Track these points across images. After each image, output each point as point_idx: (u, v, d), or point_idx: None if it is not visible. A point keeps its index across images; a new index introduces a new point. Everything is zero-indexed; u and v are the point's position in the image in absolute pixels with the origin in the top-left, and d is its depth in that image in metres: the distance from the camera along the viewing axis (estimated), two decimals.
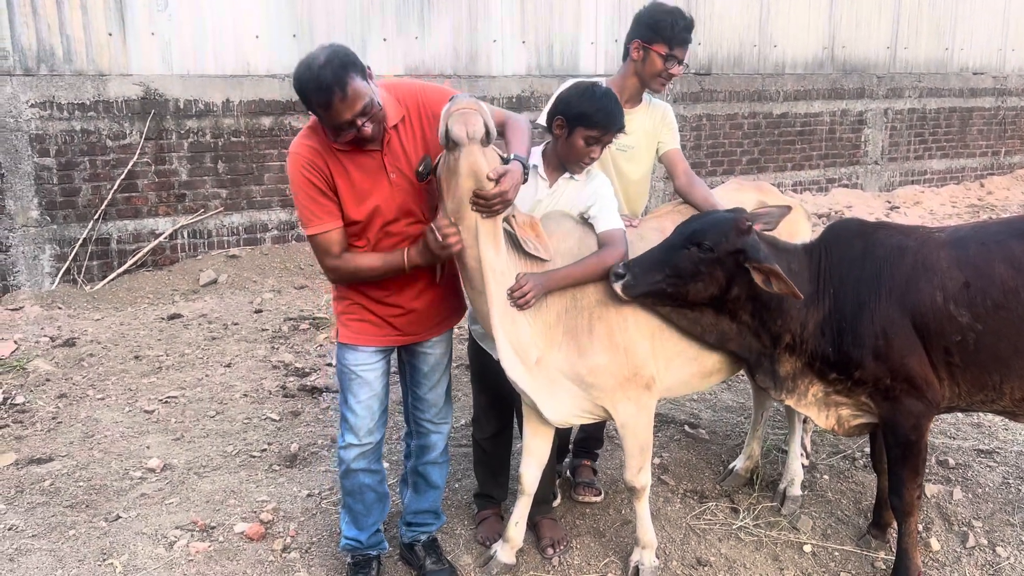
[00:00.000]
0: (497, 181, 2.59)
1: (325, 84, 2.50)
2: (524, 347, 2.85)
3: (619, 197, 3.48)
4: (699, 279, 2.88)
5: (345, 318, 2.93)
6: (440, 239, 2.63)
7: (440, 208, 2.74)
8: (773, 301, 2.93)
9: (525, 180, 2.73)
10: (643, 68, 3.38)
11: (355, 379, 2.92)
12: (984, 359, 2.87)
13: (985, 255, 2.90)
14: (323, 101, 2.53)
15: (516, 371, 2.86)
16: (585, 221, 3.06)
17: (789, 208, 3.22)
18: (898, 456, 3.00)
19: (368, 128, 2.61)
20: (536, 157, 3.12)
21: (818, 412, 3.12)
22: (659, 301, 2.95)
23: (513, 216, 2.78)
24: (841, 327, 2.94)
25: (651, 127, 3.50)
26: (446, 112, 2.53)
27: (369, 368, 2.93)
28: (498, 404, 3.37)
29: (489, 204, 2.62)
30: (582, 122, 2.93)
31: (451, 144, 2.55)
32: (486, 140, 2.56)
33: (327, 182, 2.71)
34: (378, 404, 2.96)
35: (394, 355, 3.09)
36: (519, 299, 2.79)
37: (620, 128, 3.01)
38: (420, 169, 2.71)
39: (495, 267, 2.75)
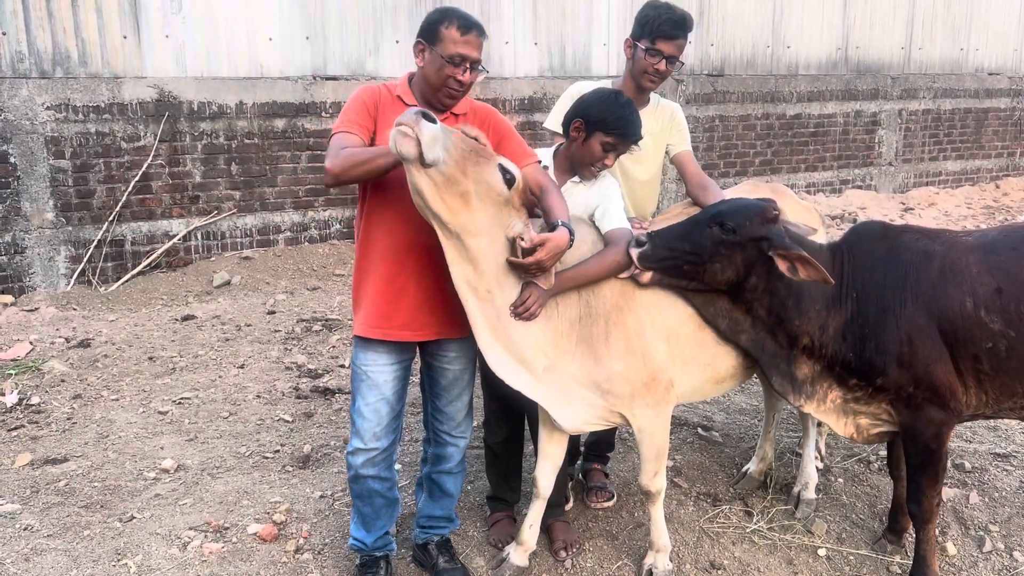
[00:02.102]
0: (533, 250, 2.61)
1: (474, 20, 2.78)
2: (527, 358, 2.81)
3: (626, 199, 3.47)
4: (717, 260, 2.83)
5: (357, 308, 2.91)
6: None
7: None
8: (791, 299, 2.88)
9: (570, 246, 2.72)
10: (633, 65, 3.37)
11: (365, 380, 2.90)
12: (1016, 366, 2.81)
13: (1017, 260, 2.83)
14: (464, 28, 2.74)
15: (518, 381, 2.83)
16: (595, 224, 3.05)
17: (815, 231, 3.18)
18: (918, 464, 2.96)
19: (467, 77, 2.77)
20: (547, 158, 3.12)
21: (836, 419, 3.07)
22: (674, 277, 2.90)
23: (520, 238, 2.67)
24: (864, 332, 2.89)
25: (658, 129, 3.48)
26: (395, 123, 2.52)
27: (380, 369, 2.89)
28: (508, 409, 3.36)
29: (526, 270, 2.67)
30: (601, 127, 2.94)
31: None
32: (422, 161, 2.48)
33: (374, 111, 2.81)
34: (387, 409, 2.92)
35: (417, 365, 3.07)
36: (522, 313, 2.76)
37: (637, 139, 3.02)
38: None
39: (476, 286, 2.71)
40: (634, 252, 2.84)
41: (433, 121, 2.48)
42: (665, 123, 3.49)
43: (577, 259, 2.88)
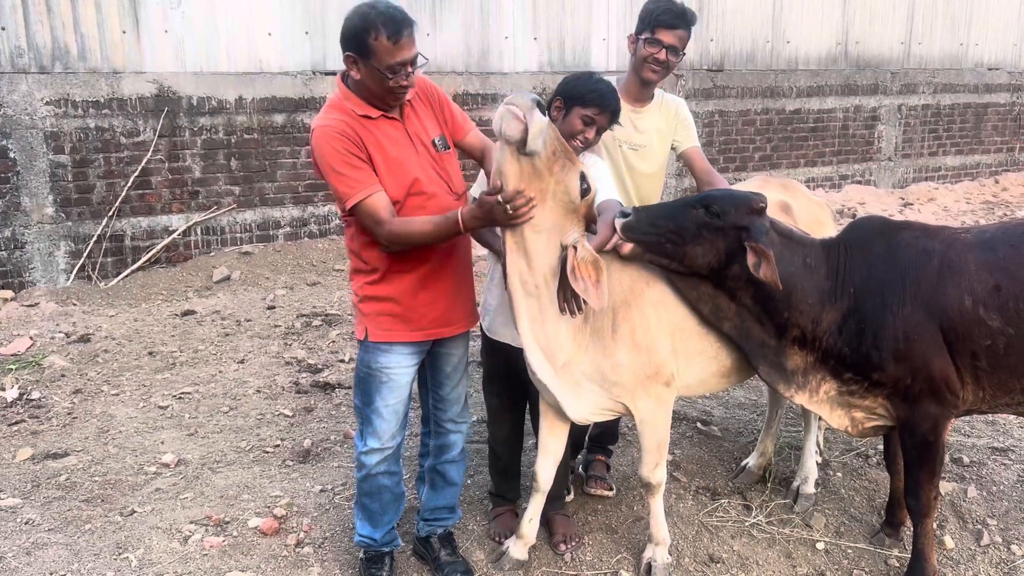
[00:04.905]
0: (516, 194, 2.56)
1: (399, 18, 2.59)
2: (554, 353, 2.86)
3: (630, 192, 3.49)
4: (699, 243, 2.83)
5: (375, 315, 2.86)
6: (510, 211, 2.56)
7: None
8: (779, 291, 2.87)
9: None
10: (634, 58, 3.39)
11: (386, 382, 2.88)
12: (1014, 363, 2.82)
13: (1015, 258, 2.84)
14: (394, 33, 2.57)
15: (545, 374, 2.88)
16: None
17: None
18: (915, 458, 2.96)
19: (412, 79, 2.68)
20: None
21: (830, 411, 3.07)
22: (656, 254, 2.89)
23: (574, 246, 2.71)
24: (861, 328, 2.89)
25: (663, 125, 3.49)
26: (504, 101, 2.54)
27: (403, 371, 2.90)
28: (508, 404, 3.39)
29: (515, 208, 2.57)
30: (578, 101, 3.02)
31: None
32: (521, 147, 2.52)
33: (362, 150, 2.70)
34: (403, 407, 2.95)
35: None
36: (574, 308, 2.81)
37: (615, 112, 3.06)
38: (436, 142, 2.83)
39: (526, 280, 2.73)
40: (618, 223, 2.85)
41: (544, 112, 2.51)
42: (670, 119, 3.50)
43: None
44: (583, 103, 3.01)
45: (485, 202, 2.59)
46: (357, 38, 2.61)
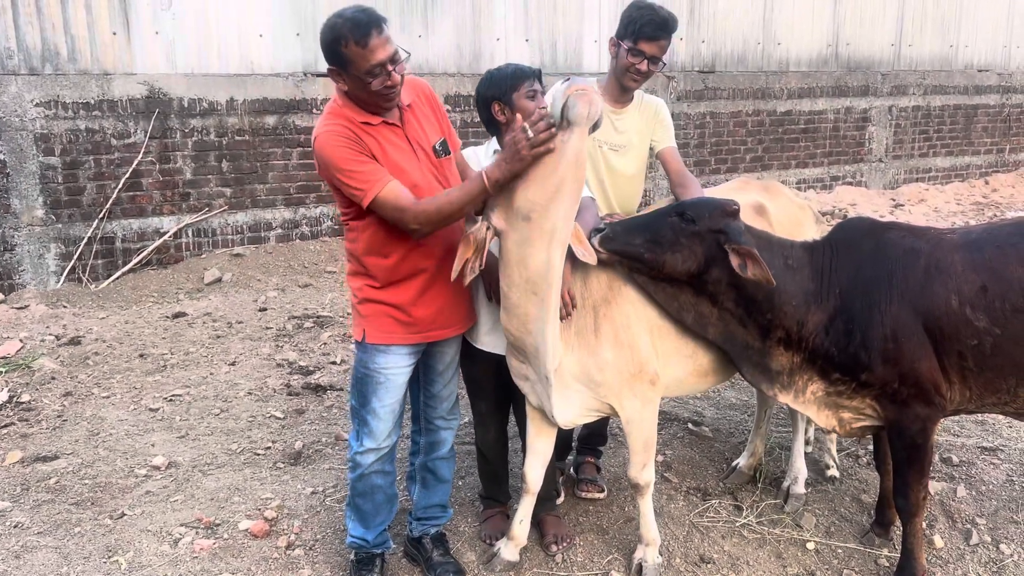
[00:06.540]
0: None
1: (363, 21, 2.55)
2: (549, 356, 2.85)
3: (609, 193, 3.50)
4: (677, 250, 2.85)
5: (374, 317, 2.86)
6: (533, 136, 2.44)
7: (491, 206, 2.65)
8: (761, 293, 2.88)
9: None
10: (615, 64, 3.40)
11: (383, 382, 2.88)
12: (1000, 363, 2.83)
13: (1002, 258, 2.85)
14: (361, 37, 2.53)
15: (550, 377, 2.88)
16: None
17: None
18: (904, 459, 2.97)
19: (397, 76, 2.63)
20: (496, 145, 3.14)
21: (817, 411, 3.08)
22: (634, 265, 2.91)
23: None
24: (849, 328, 2.90)
25: (643, 125, 3.51)
26: (565, 89, 2.46)
27: (401, 371, 2.90)
28: (493, 408, 3.39)
29: (537, 132, 2.48)
30: (512, 89, 2.97)
31: (566, 123, 2.47)
32: (593, 128, 2.53)
33: (367, 150, 2.68)
34: (399, 407, 2.96)
35: None
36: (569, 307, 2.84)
37: (539, 72, 3.08)
38: (437, 147, 2.80)
39: (561, 273, 2.68)
40: (595, 239, 2.87)
41: None
42: (650, 119, 3.51)
43: None
44: (516, 86, 2.97)
45: (509, 141, 2.50)
46: (331, 50, 2.61)
